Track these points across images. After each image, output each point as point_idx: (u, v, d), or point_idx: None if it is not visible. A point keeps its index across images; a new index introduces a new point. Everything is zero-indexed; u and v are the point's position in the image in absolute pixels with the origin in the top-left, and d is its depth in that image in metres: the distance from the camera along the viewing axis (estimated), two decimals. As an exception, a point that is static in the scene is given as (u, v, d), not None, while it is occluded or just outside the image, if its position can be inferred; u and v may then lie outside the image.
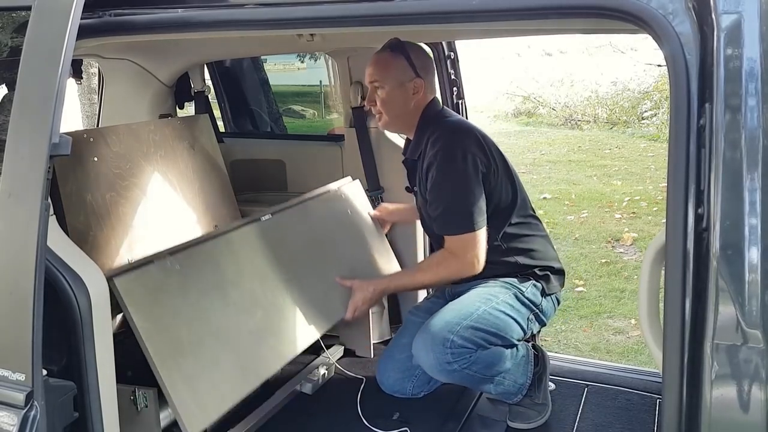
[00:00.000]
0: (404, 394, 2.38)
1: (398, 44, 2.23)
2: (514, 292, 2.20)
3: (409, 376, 2.35)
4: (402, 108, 2.25)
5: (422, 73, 2.24)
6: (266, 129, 3.59)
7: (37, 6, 1.36)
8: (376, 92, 2.25)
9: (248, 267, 2.14)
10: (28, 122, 1.32)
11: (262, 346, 2.07)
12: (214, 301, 1.97)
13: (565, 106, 13.40)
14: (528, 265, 2.26)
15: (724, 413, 1.10)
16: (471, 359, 2.06)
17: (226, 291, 2.02)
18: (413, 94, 2.24)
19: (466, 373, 2.08)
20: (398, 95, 2.23)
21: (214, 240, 2.10)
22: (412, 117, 2.28)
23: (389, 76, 2.22)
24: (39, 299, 1.28)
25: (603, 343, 3.80)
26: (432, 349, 2.06)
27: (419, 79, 2.23)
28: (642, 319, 1.36)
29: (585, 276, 4.85)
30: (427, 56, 2.33)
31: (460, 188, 2.12)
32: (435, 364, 2.08)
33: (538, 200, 7.11)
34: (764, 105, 1.07)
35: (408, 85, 2.22)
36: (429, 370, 2.15)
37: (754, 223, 1.06)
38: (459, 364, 2.05)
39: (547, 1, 1.24)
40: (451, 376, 2.12)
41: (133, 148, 2.35)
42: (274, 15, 1.44)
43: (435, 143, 2.17)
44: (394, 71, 2.22)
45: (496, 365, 2.11)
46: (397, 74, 2.22)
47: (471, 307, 2.12)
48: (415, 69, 2.22)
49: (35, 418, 1.30)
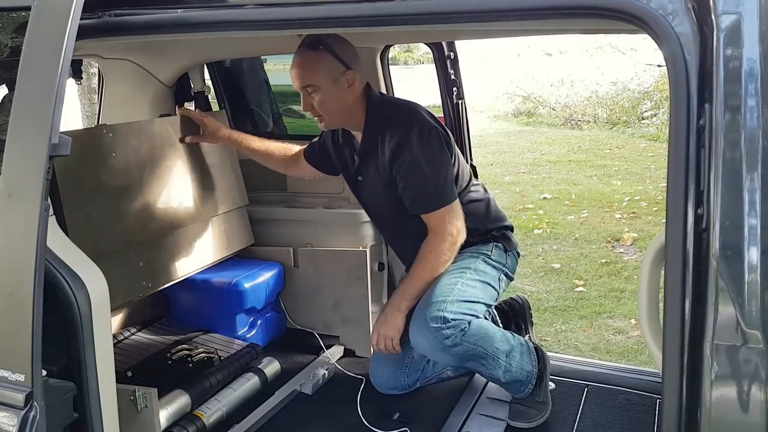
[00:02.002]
0: (400, 388, 2.40)
1: (318, 40, 2.09)
2: (482, 258, 2.26)
3: (400, 368, 2.38)
4: (341, 105, 2.16)
5: (351, 63, 2.13)
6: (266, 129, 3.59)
7: (37, 6, 1.36)
8: (310, 96, 2.13)
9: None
10: (27, 122, 1.32)
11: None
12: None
13: (565, 106, 13.42)
14: (487, 230, 2.32)
15: (724, 413, 1.10)
16: (465, 331, 2.09)
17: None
18: (348, 87, 2.13)
19: (466, 347, 2.10)
20: (334, 93, 2.12)
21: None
22: (355, 110, 2.20)
23: (320, 77, 2.10)
24: (39, 300, 1.28)
25: (603, 343, 3.79)
26: (428, 330, 2.08)
27: (350, 70, 2.12)
28: (642, 320, 1.36)
29: (585, 276, 4.85)
30: (349, 44, 2.18)
31: (433, 164, 2.13)
32: (435, 344, 2.09)
33: (538, 200, 7.12)
34: (764, 105, 1.07)
35: (341, 80, 2.12)
36: (431, 353, 2.16)
37: (754, 223, 1.06)
38: (457, 338, 2.08)
39: (547, 1, 1.24)
40: (452, 353, 2.12)
41: (154, 141, 2.44)
42: (274, 15, 1.44)
43: (394, 128, 2.14)
44: (324, 70, 2.09)
45: (492, 339, 2.15)
46: (327, 72, 2.10)
47: (450, 284, 2.15)
48: (343, 61, 2.11)
49: (35, 419, 1.30)
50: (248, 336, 2.74)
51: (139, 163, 2.36)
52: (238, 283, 2.68)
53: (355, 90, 2.16)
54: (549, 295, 4.52)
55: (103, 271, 1.54)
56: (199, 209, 2.61)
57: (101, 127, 2.32)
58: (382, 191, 2.27)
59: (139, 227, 2.32)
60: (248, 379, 2.42)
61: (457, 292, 2.13)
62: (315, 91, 2.12)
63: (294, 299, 2.92)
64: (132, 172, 2.32)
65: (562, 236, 5.81)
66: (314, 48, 2.09)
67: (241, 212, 2.85)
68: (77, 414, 1.44)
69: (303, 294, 2.89)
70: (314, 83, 2.10)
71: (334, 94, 2.12)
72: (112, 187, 2.24)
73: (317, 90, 2.11)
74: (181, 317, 2.82)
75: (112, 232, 2.22)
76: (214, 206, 2.68)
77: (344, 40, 2.16)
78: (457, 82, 2.84)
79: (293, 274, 2.88)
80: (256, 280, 2.74)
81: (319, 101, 2.13)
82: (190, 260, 2.55)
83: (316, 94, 2.12)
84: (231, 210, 2.77)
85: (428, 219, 2.17)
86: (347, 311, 2.79)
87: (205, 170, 2.66)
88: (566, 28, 2.01)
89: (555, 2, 1.24)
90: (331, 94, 2.12)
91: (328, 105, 2.14)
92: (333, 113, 2.17)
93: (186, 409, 2.20)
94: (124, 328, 2.71)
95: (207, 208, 2.65)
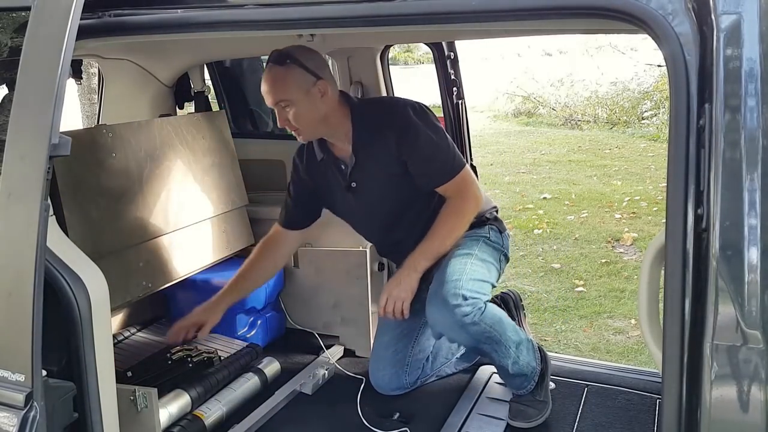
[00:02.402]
0: (402, 387, 2.40)
1: (284, 54, 2.08)
2: (482, 240, 2.29)
3: (402, 367, 2.38)
4: (317, 115, 2.13)
5: (320, 72, 2.11)
6: (266, 129, 3.59)
7: (37, 6, 1.36)
8: (284, 111, 2.10)
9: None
10: (28, 122, 1.32)
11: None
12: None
13: (565, 106, 13.43)
14: (482, 213, 2.34)
15: (724, 413, 1.10)
16: (482, 310, 2.10)
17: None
18: (322, 97, 2.11)
19: (483, 328, 2.10)
20: (308, 106, 2.10)
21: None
22: (333, 118, 2.18)
23: (291, 91, 2.07)
24: (39, 300, 1.28)
25: (603, 343, 3.80)
26: (447, 308, 2.07)
27: (320, 80, 2.10)
28: (642, 320, 1.36)
29: (585, 276, 4.85)
30: (316, 53, 2.17)
31: (439, 133, 2.20)
32: (455, 321, 2.08)
33: (538, 200, 7.12)
34: (764, 105, 1.07)
35: (313, 90, 2.09)
36: (449, 330, 2.14)
37: (754, 223, 1.06)
38: (476, 316, 2.08)
39: (547, 2, 1.24)
40: (470, 332, 2.11)
41: (154, 141, 2.44)
42: (274, 15, 1.44)
43: (388, 117, 2.19)
44: (294, 84, 2.07)
45: (505, 325, 2.17)
46: (298, 85, 2.07)
47: (460, 265, 2.16)
48: (312, 72, 2.09)
49: (35, 419, 1.30)
50: (248, 336, 2.74)
51: (139, 163, 2.36)
52: (238, 283, 2.68)
53: (329, 98, 2.14)
54: (549, 295, 4.52)
55: (103, 271, 1.54)
56: (199, 209, 2.61)
57: (101, 127, 2.32)
58: (384, 185, 2.26)
59: (139, 227, 2.32)
60: (248, 379, 2.42)
61: (469, 272, 2.15)
62: (288, 105, 2.09)
63: (294, 299, 2.92)
64: (132, 172, 2.32)
65: (562, 236, 5.81)
66: (282, 63, 2.07)
67: (241, 212, 2.85)
68: (77, 414, 1.44)
69: (303, 294, 2.88)
70: (286, 98, 2.08)
71: (308, 105, 2.10)
72: (112, 187, 2.24)
73: (290, 104, 2.09)
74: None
75: (112, 232, 2.22)
76: (214, 206, 2.68)
77: (311, 51, 2.15)
78: (457, 82, 2.84)
79: (293, 274, 2.88)
80: (256, 280, 2.73)
81: (294, 115, 2.10)
82: (190, 260, 2.55)
83: (290, 108, 2.09)
84: (231, 210, 2.78)
85: (450, 186, 2.20)
86: (347, 311, 2.79)
87: (204, 170, 2.66)
88: (566, 28, 2.01)
89: (555, 2, 1.24)
90: (305, 107, 2.10)
91: (304, 117, 2.12)
92: (310, 125, 2.15)
93: (186, 409, 2.20)
94: (124, 328, 2.71)
95: (207, 208, 2.65)
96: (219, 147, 2.76)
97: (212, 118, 2.81)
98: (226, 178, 2.77)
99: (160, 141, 2.46)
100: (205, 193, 2.64)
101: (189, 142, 2.61)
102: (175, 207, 2.48)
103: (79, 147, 2.12)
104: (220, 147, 2.77)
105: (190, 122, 2.67)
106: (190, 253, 2.55)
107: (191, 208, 2.57)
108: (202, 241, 2.62)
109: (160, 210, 2.41)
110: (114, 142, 2.27)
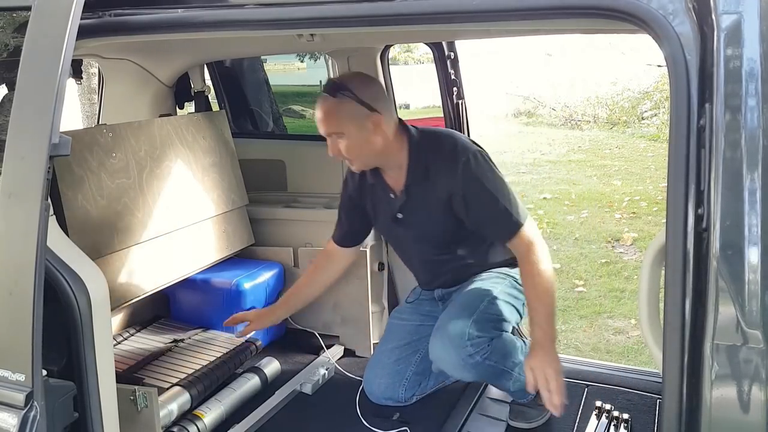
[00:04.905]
0: (396, 401, 2.33)
1: (338, 85, 2.03)
2: (510, 281, 2.24)
3: (400, 380, 2.32)
4: (369, 148, 2.07)
5: (375, 104, 2.03)
6: (266, 129, 3.59)
7: (37, 6, 1.36)
8: (336, 142, 2.05)
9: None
10: (28, 122, 1.32)
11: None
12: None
13: (565, 106, 13.42)
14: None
15: (724, 413, 1.10)
16: (489, 348, 2.07)
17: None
18: (375, 130, 2.04)
19: (487, 365, 2.08)
20: (360, 139, 2.04)
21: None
22: (388, 150, 2.11)
23: (343, 124, 2.02)
24: (39, 299, 1.28)
25: (603, 343, 3.80)
26: (452, 346, 2.05)
27: (375, 113, 2.02)
28: (642, 320, 1.36)
29: (585, 276, 4.85)
30: (372, 81, 2.14)
31: (500, 186, 2.08)
32: (458, 361, 2.06)
33: (538, 200, 7.12)
34: (764, 105, 1.07)
35: (366, 124, 2.02)
36: (452, 370, 2.13)
37: (754, 223, 1.06)
38: (480, 356, 2.05)
39: (547, 1, 1.24)
40: (474, 371, 2.10)
41: (154, 141, 2.44)
42: (274, 15, 1.44)
43: (447, 167, 2.07)
44: (346, 117, 2.01)
45: (512, 355, 2.14)
46: (350, 119, 2.01)
47: (477, 301, 2.13)
48: (366, 105, 2.02)
49: (35, 419, 1.30)
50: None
51: (139, 162, 2.36)
52: (239, 283, 2.68)
53: (383, 131, 2.06)
54: (549, 295, 4.51)
55: (103, 271, 1.54)
56: (199, 209, 2.61)
57: (101, 127, 2.32)
58: (432, 222, 2.18)
59: (139, 227, 2.32)
60: (248, 378, 2.42)
61: (484, 309, 2.10)
62: (339, 137, 2.04)
63: (294, 299, 2.91)
64: (132, 172, 2.32)
65: (562, 236, 5.82)
66: (334, 94, 2.02)
67: (241, 212, 2.85)
68: (77, 414, 1.44)
69: (303, 294, 2.88)
70: (338, 131, 2.04)
71: (361, 138, 2.04)
72: (112, 187, 2.24)
73: (341, 137, 2.04)
74: (181, 317, 2.82)
75: (112, 232, 2.22)
76: (214, 206, 2.68)
77: (367, 81, 2.12)
78: (457, 82, 2.83)
79: (293, 274, 2.88)
80: (257, 280, 2.74)
81: (345, 147, 2.05)
82: (190, 260, 2.55)
83: (341, 140, 2.04)
84: (231, 210, 2.78)
85: (516, 241, 2.06)
86: (347, 311, 2.79)
87: (205, 170, 2.66)
88: (566, 28, 2.01)
89: (555, 2, 1.24)
90: (357, 140, 2.04)
91: (356, 150, 2.06)
92: (362, 157, 2.10)
93: (186, 407, 2.20)
94: (124, 328, 2.71)
95: (207, 208, 2.65)
96: (219, 147, 2.76)
97: (212, 118, 2.81)
98: (226, 178, 2.77)
99: (160, 141, 2.46)
100: (205, 192, 2.64)
101: (189, 141, 2.61)
102: (175, 207, 2.48)
103: (79, 147, 2.13)
104: (220, 147, 2.76)
105: (190, 122, 2.67)
106: (190, 253, 2.55)
107: (191, 207, 2.57)
108: (202, 241, 2.62)
109: (160, 210, 2.41)
110: (114, 141, 2.27)
